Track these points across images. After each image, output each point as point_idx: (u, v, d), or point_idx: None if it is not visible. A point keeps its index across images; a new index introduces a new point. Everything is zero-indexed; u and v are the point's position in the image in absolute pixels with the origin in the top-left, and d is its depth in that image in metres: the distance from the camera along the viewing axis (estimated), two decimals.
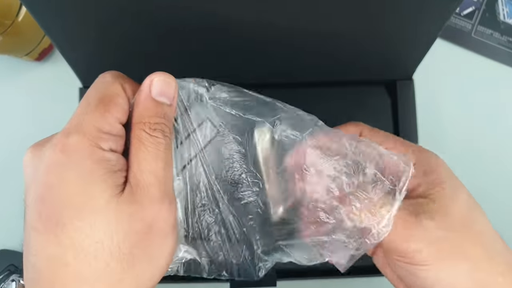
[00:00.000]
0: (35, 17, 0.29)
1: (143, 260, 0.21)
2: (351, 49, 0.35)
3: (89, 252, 0.19)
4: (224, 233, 0.25)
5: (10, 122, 0.48)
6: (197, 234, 0.25)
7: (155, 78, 0.22)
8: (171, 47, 0.34)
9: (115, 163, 0.21)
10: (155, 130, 0.22)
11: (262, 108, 0.24)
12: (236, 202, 0.25)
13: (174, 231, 0.22)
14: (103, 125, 0.20)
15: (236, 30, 0.31)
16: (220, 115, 0.24)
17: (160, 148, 0.22)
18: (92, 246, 0.19)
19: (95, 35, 0.32)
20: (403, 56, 0.38)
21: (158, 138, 0.22)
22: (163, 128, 0.22)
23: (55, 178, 0.20)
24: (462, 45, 0.48)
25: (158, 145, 0.21)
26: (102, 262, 0.19)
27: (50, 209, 0.19)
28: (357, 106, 0.41)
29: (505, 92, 0.47)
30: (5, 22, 0.40)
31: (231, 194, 0.25)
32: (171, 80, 0.23)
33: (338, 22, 0.31)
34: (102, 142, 0.20)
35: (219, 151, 0.24)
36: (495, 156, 0.46)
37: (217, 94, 0.24)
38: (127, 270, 0.20)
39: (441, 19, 0.31)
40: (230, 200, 0.24)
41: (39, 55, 0.47)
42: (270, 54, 0.35)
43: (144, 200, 0.21)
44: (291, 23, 0.30)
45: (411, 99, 0.41)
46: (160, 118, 0.22)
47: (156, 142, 0.21)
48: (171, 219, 0.22)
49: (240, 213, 0.25)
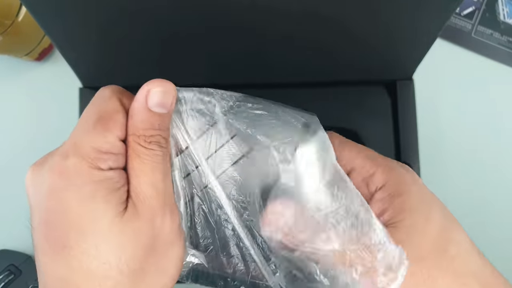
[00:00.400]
0: (35, 17, 0.29)
1: (153, 272, 0.21)
2: (351, 49, 0.35)
3: (98, 273, 0.19)
4: (237, 249, 0.23)
5: (10, 122, 0.48)
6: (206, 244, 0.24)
7: (152, 89, 0.21)
8: (171, 48, 0.34)
9: (117, 180, 0.20)
10: (150, 143, 0.21)
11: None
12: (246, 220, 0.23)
13: (180, 237, 0.22)
14: (102, 145, 0.20)
15: (236, 31, 0.31)
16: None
17: (157, 160, 0.21)
18: (100, 267, 0.19)
19: (95, 35, 0.32)
20: (403, 56, 0.38)
21: (154, 150, 0.21)
22: (159, 140, 0.21)
23: (56, 203, 0.20)
24: (462, 45, 0.48)
25: (154, 157, 0.21)
26: (112, 281, 0.19)
27: (55, 232, 0.19)
28: (357, 106, 0.41)
29: (505, 92, 0.47)
30: (5, 22, 0.40)
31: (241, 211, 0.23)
32: (169, 88, 0.22)
33: (338, 22, 0.31)
34: (101, 163, 0.20)
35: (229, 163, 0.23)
36: (495, 156, 0.46)
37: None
38: (139, 284, 0.20)
39: (441, 19, 0.31)
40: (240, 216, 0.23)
41: (39, 55, 0.47)
42: (270, 54, 0.35)
43: (146, 213, 0.20)
44: (291, 23, 0.30)
45: (411, 99, 0.41)
46: (155, 130, 0.21)
47: (152, 154, 0.21)
48: (174, 227, 0.22)
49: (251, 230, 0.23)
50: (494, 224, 0.44)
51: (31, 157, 0.23)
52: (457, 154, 0.46)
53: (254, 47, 0.34)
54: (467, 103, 0.47)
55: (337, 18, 0.30)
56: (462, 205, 0.44)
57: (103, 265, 0.19)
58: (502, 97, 0.47)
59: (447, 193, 0.43)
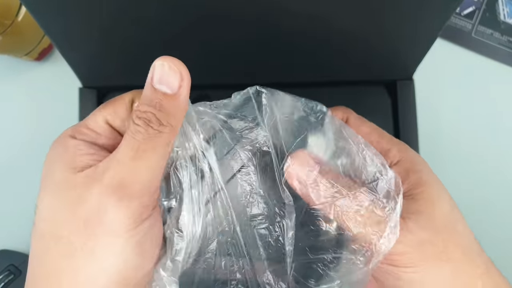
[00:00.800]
0: (35, 17, 0.29)
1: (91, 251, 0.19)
2: (351, 49, 0.35)
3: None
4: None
5: (10, 122, 0.48)
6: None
7: (156, 63, 0.20)
8: (172, 48, 0.34)
9: (81, 148, 0.21)
10: (139, 119, 0.20)
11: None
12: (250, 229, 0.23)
13: (123, 232, 0.19)
14: (90, 122, 0.22)
15: (237, 29, 0.31)
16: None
17: (136, 137, 0.20)
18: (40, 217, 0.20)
19: (95, 35, 0.32)
20: (403, 56, 0.38)
21: (138, 126, 0.20)
22: (150, 117, 0.20)
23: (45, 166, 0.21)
24: (462, 45, 0.48)
25: (135, 133, 0.20)
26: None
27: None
28: (357, 106, 0.41)
29: (505, 92, 0.47)
30: (5, 22, 0.40)
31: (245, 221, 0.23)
32: (177, 66, 0.20)
33: (338, 21, 0.31)
34: (78, 134, 0.21)
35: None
36: (495, 156, 0.46)
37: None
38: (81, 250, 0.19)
39: (442, 18, 0.31)
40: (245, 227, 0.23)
41: (39, 55, 0.47)
42: (270, 54, 0.35)
43: (84, 183, 0.19)
44: (291, 22, 0.30)
45: (411, 99, 0.41)
46: (150, 107, 0.20)
47: (135, 130, 0.20)
48: (118, 215, 0.19)
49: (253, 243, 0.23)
50: (495, 223, 0.44)
51: (30, 157, 0.23)
52: (457, 153, 0.46)
53: (254, 47, 0.34)
54: (467, 103, 0.47)
55: (337, 18, 0.30)
56: (462, 204, 0.44)
57: (47, 215, 0.20)
58: (502, 97, 0.47)
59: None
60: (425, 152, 0.42)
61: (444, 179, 0.45)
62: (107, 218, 0.19)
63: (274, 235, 0.22)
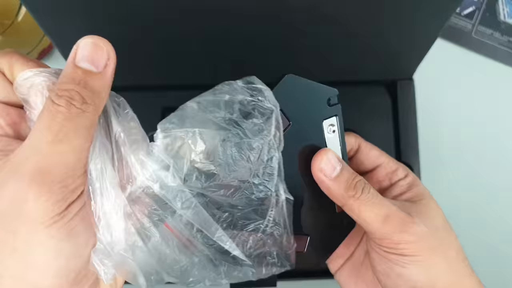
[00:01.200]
0: (35, 17, 0.29)
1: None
2: (351, 49, 0.35)
3: None
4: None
5: None
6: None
7: (81, 42, 0.19)
8: (171, 48, 0.34)
9: None
10: (60, 97, 0.18)
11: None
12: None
13: (47, 218, 0.18)
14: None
15: (236, 29, 0.31)
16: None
17: (57, 118, 0.18)
18: None
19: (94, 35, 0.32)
20: (403, 56, 0.38)
21: (59, 106, 0.18)
22: (73, 95, 0.18)
23: None
24: (462, 45, 0.48)
25: (56, 114, 0.18)
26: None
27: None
28: (357, 106, 0.41)
29: (505, 92, 0.47)
30: (4, 22, 0.40)
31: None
32: (103, 44, 0.20)
33: (338, 22, 0.31)
34: None
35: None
36: (495, 156, 0.46)
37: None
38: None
39: (441, 19, 0.31)
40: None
41: (39, 55, 0.47)
42: (270, 55, 0.35)
43: (6, 179, 0.18)
44: (291, 23, 0.30)
45: (411, 99, 0.41)
46: (72, 85, 0.19)
47: (56, 110, 0.18)
48: (39, 202, 0.18)
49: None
50: (494, 223, 0.44)
51: None
52: (457, 153, 0.46)
53: (253, 47, 0.34)
54: (467, 103, 0.47)
55: (337, 18, 0.30)
56: (462, 204, 0.44)
57: None
58: (502, 97, 0.47)
59: (447, 192, 0.43)
60: (425, 152, 0.42)
61: (444, 178, 0.45)
62: (27, 208, 0.18)
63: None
